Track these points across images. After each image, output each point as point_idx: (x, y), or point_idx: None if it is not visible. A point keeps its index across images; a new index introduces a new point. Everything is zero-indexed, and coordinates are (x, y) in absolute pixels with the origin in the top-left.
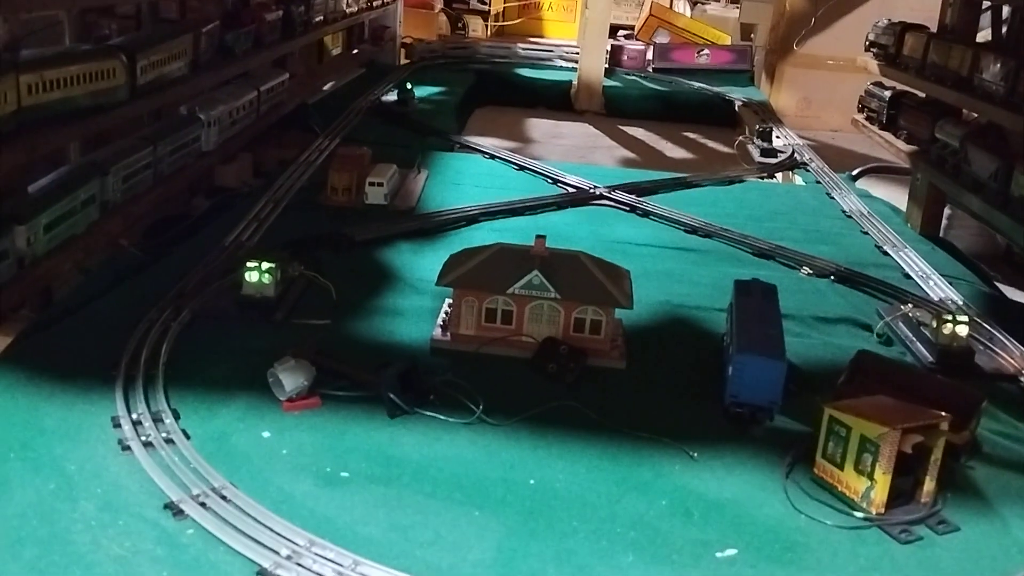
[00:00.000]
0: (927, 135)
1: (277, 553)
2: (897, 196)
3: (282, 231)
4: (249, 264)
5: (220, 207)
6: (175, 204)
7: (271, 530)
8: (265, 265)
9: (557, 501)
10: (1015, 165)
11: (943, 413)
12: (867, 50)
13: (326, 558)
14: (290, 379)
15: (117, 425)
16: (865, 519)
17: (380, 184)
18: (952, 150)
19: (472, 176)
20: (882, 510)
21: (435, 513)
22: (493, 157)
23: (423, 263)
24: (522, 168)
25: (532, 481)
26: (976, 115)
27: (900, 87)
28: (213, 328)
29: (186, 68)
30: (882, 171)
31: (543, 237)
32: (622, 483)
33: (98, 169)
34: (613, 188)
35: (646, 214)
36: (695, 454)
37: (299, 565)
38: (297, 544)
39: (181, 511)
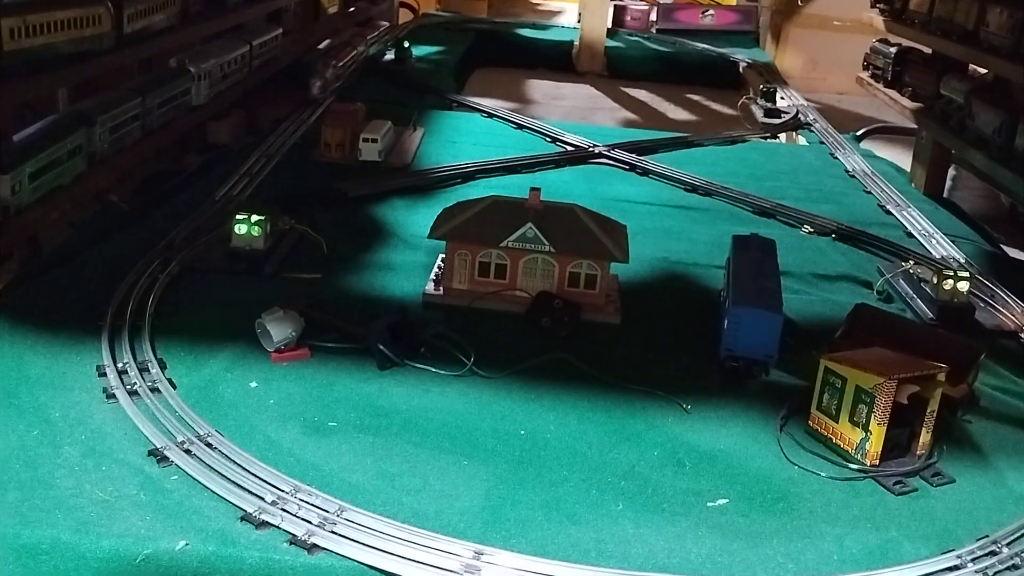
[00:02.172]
0: (932, 91)
1: (262, 499)
2: (902, 157)
3: (274, 186)
4: (238, 216)
5: (212, 164)
6: (166, 160)
7: (256, 476)
8: (254, 218)
9: (547, 451)
10: (1020, 120)
11: (940, 364)
12: (873, 6)
13: (311, 504)
14: (278, 330)
15: (102, 374)
16: (859, 471)
17: (374, 140)
18: (957, 105)
19: (469, 134)
20: (876, 461)
21: (423, 462)
22: (491, 116)
23: (417, 219)
24: (520, 127)
25: (522, 432)
26: (982, 70)
27: (906, 43)
28: (202, 281)
29: (175, 18)
30: (887, 131)
31: (537, 190)
32: (614, 434)
33: (84, 119)
34: (612, 147)
35: (646, 173)
36: (688, 406)
37: (284, 511)
38: (282, 490)
39: (165, 458)
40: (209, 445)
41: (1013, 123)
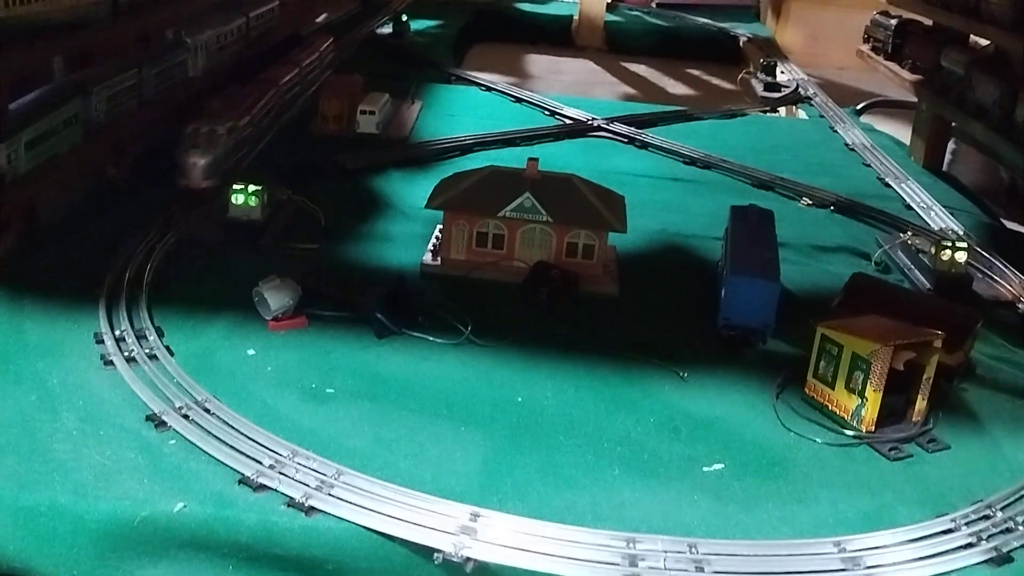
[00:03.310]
0: (932, 63)
1: (259, 463)
2: (902, 131)
3: (271, 159)
4: (235, 186)
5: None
6: (165, 134)
7: (254, 441)
8: (251, 188)
9: (544, 418)
10: (1020, 91)
11: (936, 331)
12: None
13: (309, 468)
14: (275, 298)
15: (100, 341)
16: (855, 437)
17: (372, 113)
18: (957, 77)
19: (467, 108)
20: (872, 428)
21: (420, 428)
22: (489, 89)
23: (414, 191)
24: (519, 100)
25: (520, 399)
26: (983, 42)
27: (906, 15)
28: (199, 251)
29: None
30: (887, 105)
31: (535, 160)
32: (611, 402)
33: (80, 88)
34: (611, 120)
35: (644, 146)
36: (685, 375)
37: (282, 474)
38: (280, 454)
39: (163, 423)
40: (207, 410)
41: (1013, 94)
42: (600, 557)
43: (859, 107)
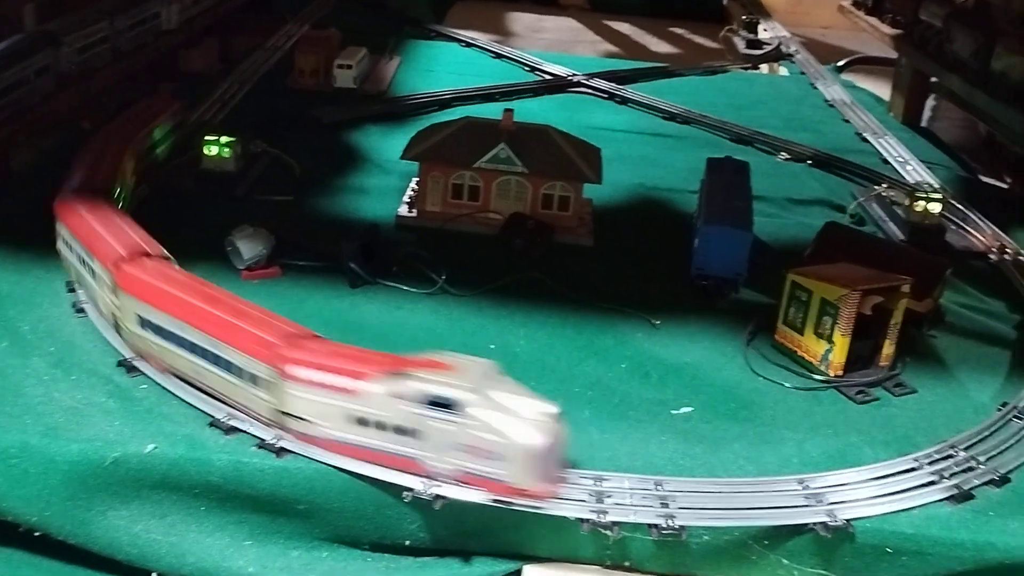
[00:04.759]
0: (912, 17)
1: (231, 406)
2: (882, 88)
3: (247, 113)
4: (208, 138)
5: (185, 91)
6: (139, 89)
7: None
8: (224, 139)
9: (517, 364)
10: (996, 42)
11: (904, 277)
12: None
13: None
14: (248, 247)
15: (71, 290)
16: (823, 381)
17: (349, 67)
18: (936, 30)
19: (447, 64)
20: (840, 372)
21: None
22: (469, 45)
23: (391, 145)
24: (499, 56)
25: (492, 346)
26: None
27: None
28: (172, 203)
29: None
30: (868, 62)
31: (511, 111)
32: (583, 349)
33: (51, 39)
34: (591, 76)
35: (624, 101)
36: (658, 322)
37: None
38: None
39: (135, 368)
40: None
41: (990, 46)
42: (568, 494)
43: (840, 64)
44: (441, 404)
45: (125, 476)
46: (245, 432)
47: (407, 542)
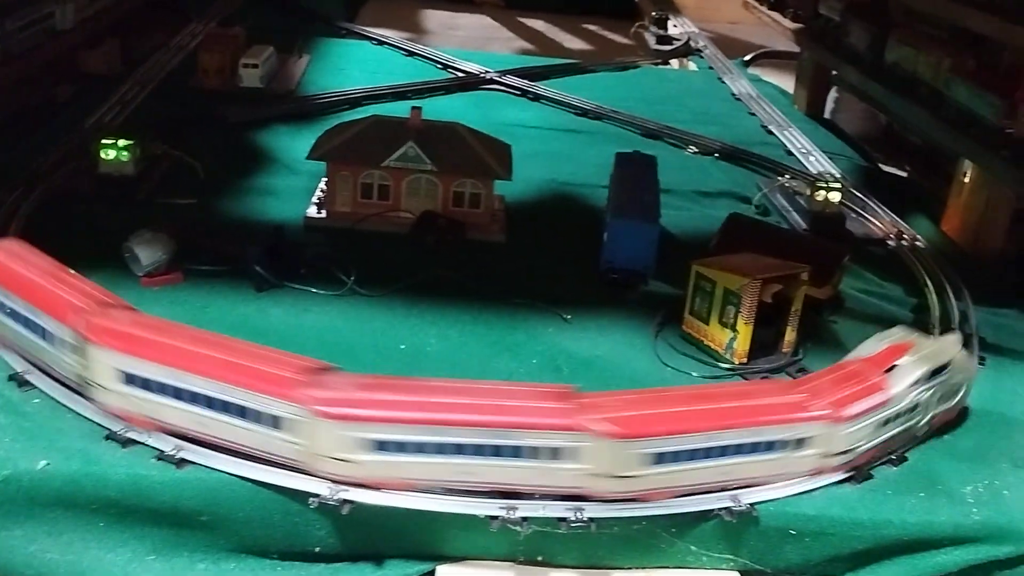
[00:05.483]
0: (812, 11)
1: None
2: (787, 81)
3: (148, 113)
4: (105, 141)
5: (85, 94)
6: (35, 91)
7: None
8: (122, 142)
9: (428, 363)
10: (890, 35)
11: (802, 265)
12: None
13: None
14: (146, 253)
15: None
16: (728, 369)
17: (255, 66)
18: (834, 24)
19: (358, 62)
20: (744, 360)
21: None
22: (381, 43)
23: (300, 145)
24: (411, 54)
25: (403, 346)
26: None
27: None
28: (69, 208)
29: None
30: (774, 56)
31: (419, 108)
32: (495, 345)
33: None
34: (504, 73)
35: (537, 98)
36: (569, 317)
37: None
38: None
39: (27, 381)
40: None
41: (884, 38)
42: (480, 492)
43: (746, 58)
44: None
45: (16, 495)
46: (143, 444)
47: (317, 548)
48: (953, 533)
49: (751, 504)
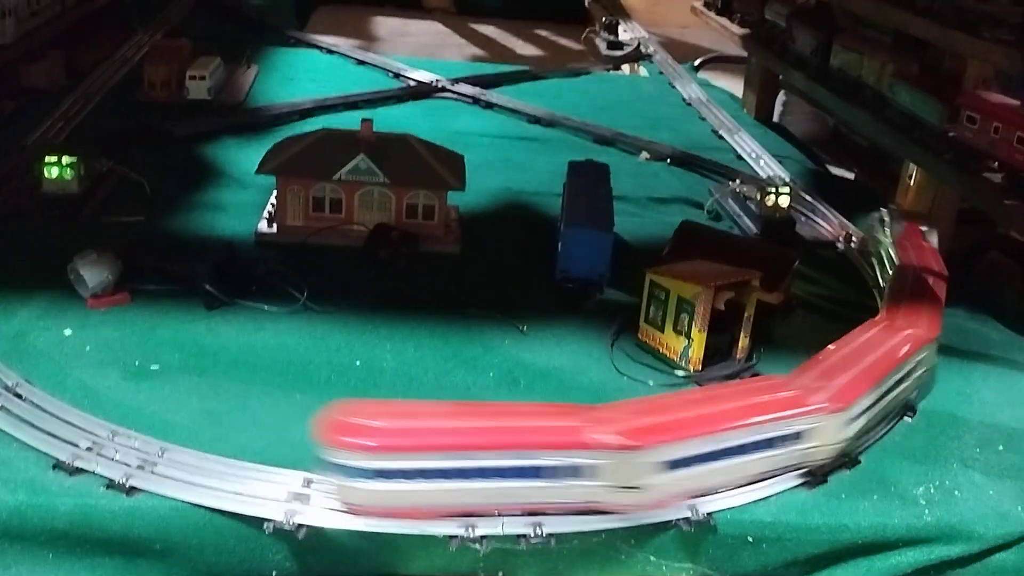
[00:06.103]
0: (758, 16)
1: (76, 446)
2: (736, 86)
3: (93, 129)
4: (47, 159)
5: (27, 109)
6: None
7: (70, 424)
8: (66, 159)
9: (383, 379)
10: (834, 40)
11: (753, 271)
12: None
13: (131, 447)
14: (92, 274)
15: None
16: (684, 377)
17: (202, 78)
18: (780, 29)
19: (308, 71)
20: (699, 367)
21: (253, 399)
22: (331, 52)
23: (249, 158)
24: (362, 63)
25: (358, 363)
26: None
27: None
28: (10, 228)
29: None
30: (723, 60)
31: (369, 121)
32: (451, 359)
33: None
34: (456, 81)
35: (489, 106)
36: (525, 328)
37: (100, 455)
38: (99, 436)
39: None
40: (18, 395)
41: (828, 43)
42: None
43: (696, 63)
44: None
45: None
46: (92, 473)
47: (274, 573)
48: (907, 535)
49: (708, 513)
